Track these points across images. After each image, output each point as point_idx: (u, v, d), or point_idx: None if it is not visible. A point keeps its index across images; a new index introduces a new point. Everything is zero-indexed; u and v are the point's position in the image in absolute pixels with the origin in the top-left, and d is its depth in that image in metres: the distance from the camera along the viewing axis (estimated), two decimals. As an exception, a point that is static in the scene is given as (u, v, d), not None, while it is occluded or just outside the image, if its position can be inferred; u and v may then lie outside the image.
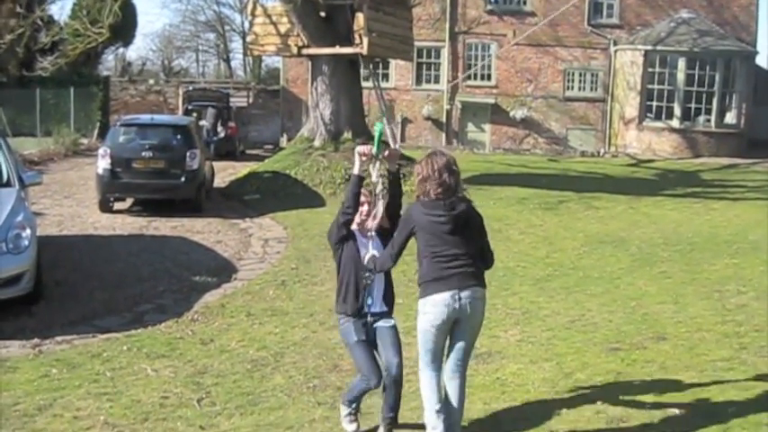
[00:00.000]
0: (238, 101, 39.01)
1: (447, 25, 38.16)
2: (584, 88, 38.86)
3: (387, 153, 6.63)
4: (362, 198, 6.69)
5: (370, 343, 6.70)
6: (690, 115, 36.18)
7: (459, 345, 6.34)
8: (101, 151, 18.43)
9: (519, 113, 38.34)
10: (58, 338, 9.46)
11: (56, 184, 22.35)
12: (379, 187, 6.69)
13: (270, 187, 21.22)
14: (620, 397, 7.70)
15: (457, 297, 6.14)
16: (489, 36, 38.36)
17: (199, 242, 15.44)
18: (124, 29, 35.14)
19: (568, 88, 38.76)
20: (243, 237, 16.25)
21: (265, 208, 19.27)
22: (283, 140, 36.36)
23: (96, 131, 35.51)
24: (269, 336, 9.64)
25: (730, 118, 36.48)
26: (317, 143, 23.11)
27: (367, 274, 6.64)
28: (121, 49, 45.14)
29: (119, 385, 8.02)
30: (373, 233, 6.72)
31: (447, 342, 6.38)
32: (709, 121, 36.24)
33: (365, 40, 21.95)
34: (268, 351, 9.06)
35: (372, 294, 6.70)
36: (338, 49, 22.37)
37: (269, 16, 23.61)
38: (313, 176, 21.47)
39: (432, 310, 6.19)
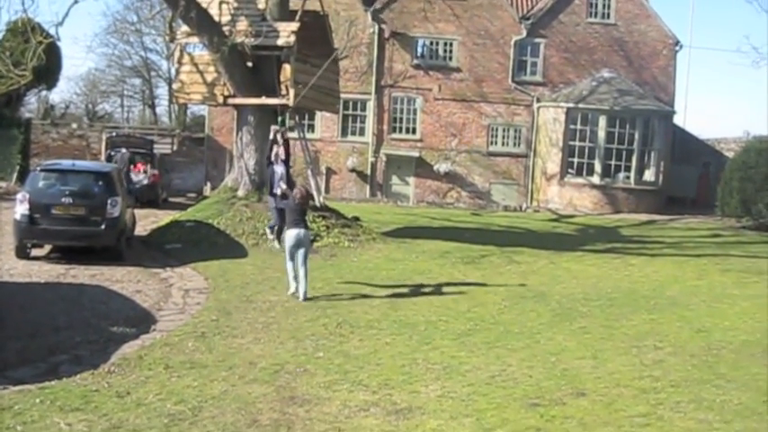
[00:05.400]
0: (162, 148, 38.68)
1: (373, 78, 38.59)
2: (507, 144, 39.49)
3: (283, 129, 17.58)
4: (274, 148, 17.29)
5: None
6: (610, 172, 37.01)
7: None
8: (19, 196, 18.08)
9: (443, 167, 38.76)
10: (-33, 390, 9.15)
11: (-29, 228, 21.79)
12: (281, 141, 17.15)
13: (192, 237, 20.99)
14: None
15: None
16: (415, 90, 38.86)
17: (118, 291, 15.15)
18: (48, 72, 34.64)
19: (492, 143, 39.36)
20: (163, 287, 16.00)
21: (187, 257, 19.01)
22: (207, 189, 36.13)
23: (15, 175, 34.94)
24: (187, 389, 9.46)
25: (649, 175, 37.37)
26: (240, 193, 23.03)
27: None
28: (44, 92, 44.43)
29: (29, 440, 7.79)
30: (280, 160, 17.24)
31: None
32: (628, 178, 37.10)
33: (291, 92, 22.06)
34: (186, 405, 8.89)
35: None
36: (264, 100, 22.40)
37: (196, 65, 23.55)
38: (236, 226, 21.31)
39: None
